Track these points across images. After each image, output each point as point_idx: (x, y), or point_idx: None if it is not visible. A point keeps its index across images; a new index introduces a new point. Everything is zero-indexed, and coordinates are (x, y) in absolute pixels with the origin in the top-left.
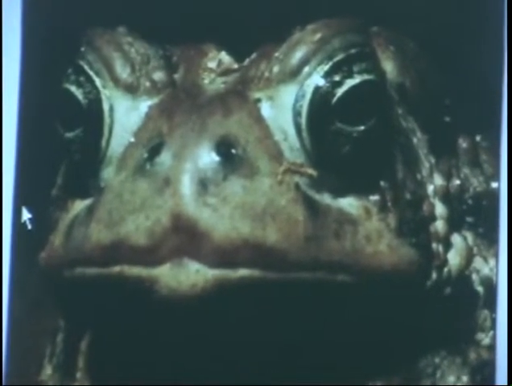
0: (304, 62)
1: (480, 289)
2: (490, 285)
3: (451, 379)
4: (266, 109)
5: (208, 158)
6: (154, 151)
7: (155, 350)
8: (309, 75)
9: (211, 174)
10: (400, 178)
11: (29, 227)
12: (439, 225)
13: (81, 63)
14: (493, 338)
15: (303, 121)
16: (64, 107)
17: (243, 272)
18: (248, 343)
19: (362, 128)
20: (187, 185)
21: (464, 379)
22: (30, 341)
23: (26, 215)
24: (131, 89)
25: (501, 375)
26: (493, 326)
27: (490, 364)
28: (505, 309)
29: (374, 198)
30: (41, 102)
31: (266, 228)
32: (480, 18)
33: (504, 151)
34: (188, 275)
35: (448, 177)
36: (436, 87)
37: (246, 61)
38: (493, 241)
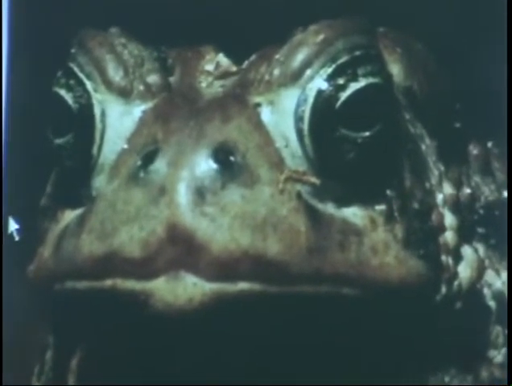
0: (306, 64)
1: (492, 303)
2: (503, 300)
3: None
4: (266, 114)
5: (205, 165)
6: (149, 158)
7: (150, 368)
8: (311, 78)
9: (208, 183)
10: (408, 187)
11: (16, 238)
12: (449, 236)
13: (72, 65)
14: (506, 355)
15: (306, 126)
16: (54, 112)
17: (243, 285)
18: (248, 360)
19: (367, 134)
20: (183, 194)
21: None
22: (18, 358)
23: (13, 225)
24: (124, 93)
25: None
26: (507, 343)
27: (503, 383)
28: None
29: (380, 207)
30: (29, 107)
31: (266, 239)
32: (492, 18)
33: None
34: (185, 288)
35: (457, 185)
36: (446, 91)
37: (245, 64)
38: (505, 253)
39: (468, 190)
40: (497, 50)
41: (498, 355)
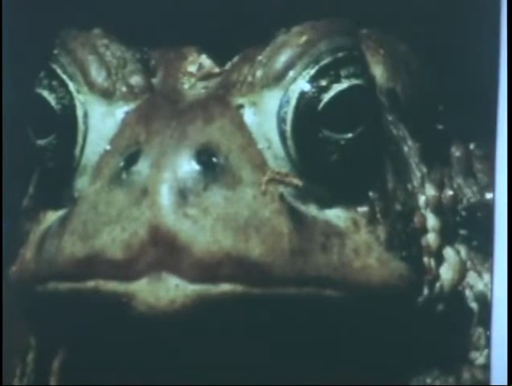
0: (289, 66)
1: (474, 305)
2: (485, 302)
3: None
4: (249, 116)
5: (187, 166)
6: (131, 160)
7: (132, 370)
8: (294, 79)
9: (191, 184)
10: (390, 189)
11: None
12: (431, 238)
13: (54, 66)
14: (488, 357)
15: (288, 128)
16: (36, 113)
17: (225, 287)
18: (230, 363)
19: (350, 135)
20: (165, 195)
21: None
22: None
23: None
24: (107, 94)
25: None
26: (488, 345)
27: (485, 384)
28: (501, 326)
29: (363, 209)
30: (12, 107)
31: (249, 241)
32: (475, 19)
33: (499, 160)
34: (167, 290)
35: (440, 187)
36: (429, 92)
37: (228, 65)
38: (487, 255)
39: (450, 192)
40: (480, 51)
41: (480, 357)
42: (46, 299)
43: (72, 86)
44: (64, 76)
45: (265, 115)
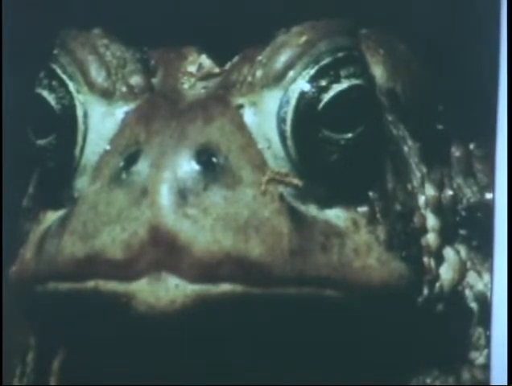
0: (289, 66)
1: (474, 305)
2: (485, 302)
3: None
4: (248, 116)
5: (187, 166)
6: (131, 160)
7: (132, 370)
8: (294, 79)
9: (191, 184)
10: (390, 189)
11: None
12: (431, 238)
13: (54, 66)
14: (488, 357)
15: (288, 128)
16: (36, 113)
17: (225, 287)
18: (230, 361)
19: (350, 135)
20: (165, 195)
21: None
22: None
23: None
24: (107, 94)
25: None
26: (488, 345)
27: (485, 385)
28: (501, 326)
29: (363, 209)
30: (12, 107)
31: (249, 241)
32: (475, 19)
33: (499, 160)
34: (167, 290)
35: (440, 187)
36: (428, 92)
37: (228, 65)
38: (487, 255)
39: (450, 192)
40: (480, 51)
41: (480, 357)
42: (46, 299)
43: (71, 86)
44: (64, 76)
45: (265, 115)
